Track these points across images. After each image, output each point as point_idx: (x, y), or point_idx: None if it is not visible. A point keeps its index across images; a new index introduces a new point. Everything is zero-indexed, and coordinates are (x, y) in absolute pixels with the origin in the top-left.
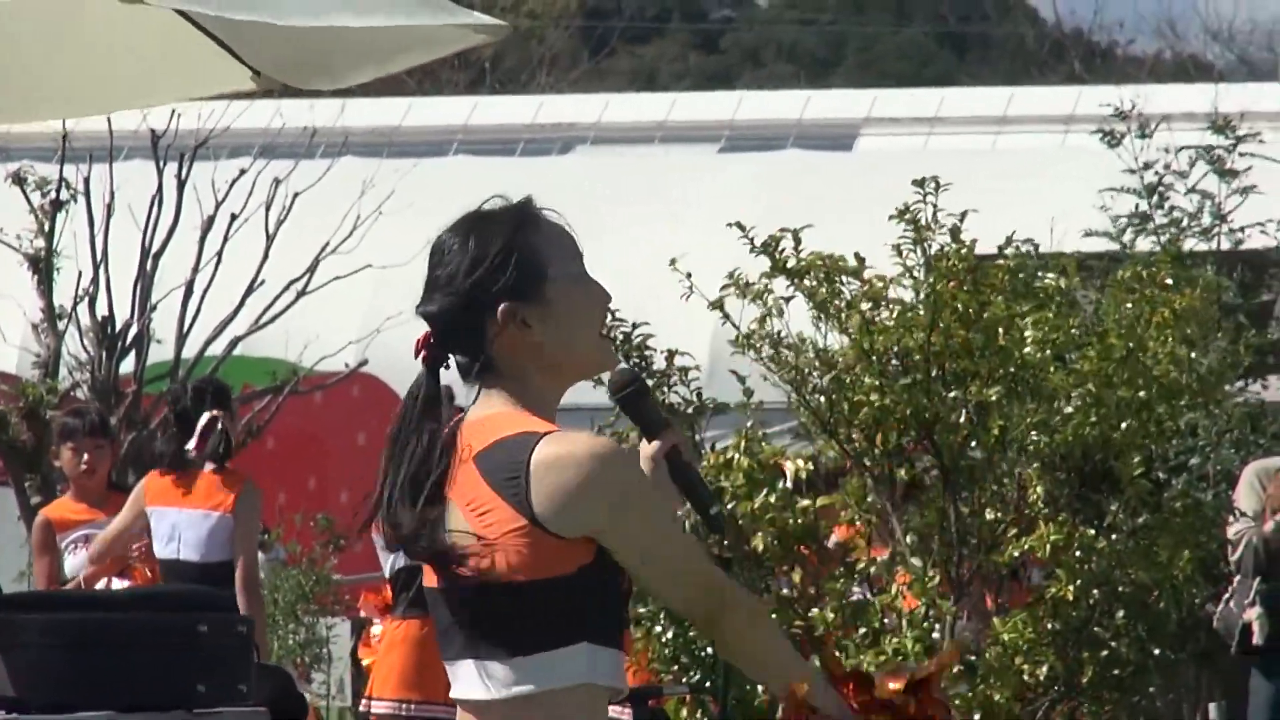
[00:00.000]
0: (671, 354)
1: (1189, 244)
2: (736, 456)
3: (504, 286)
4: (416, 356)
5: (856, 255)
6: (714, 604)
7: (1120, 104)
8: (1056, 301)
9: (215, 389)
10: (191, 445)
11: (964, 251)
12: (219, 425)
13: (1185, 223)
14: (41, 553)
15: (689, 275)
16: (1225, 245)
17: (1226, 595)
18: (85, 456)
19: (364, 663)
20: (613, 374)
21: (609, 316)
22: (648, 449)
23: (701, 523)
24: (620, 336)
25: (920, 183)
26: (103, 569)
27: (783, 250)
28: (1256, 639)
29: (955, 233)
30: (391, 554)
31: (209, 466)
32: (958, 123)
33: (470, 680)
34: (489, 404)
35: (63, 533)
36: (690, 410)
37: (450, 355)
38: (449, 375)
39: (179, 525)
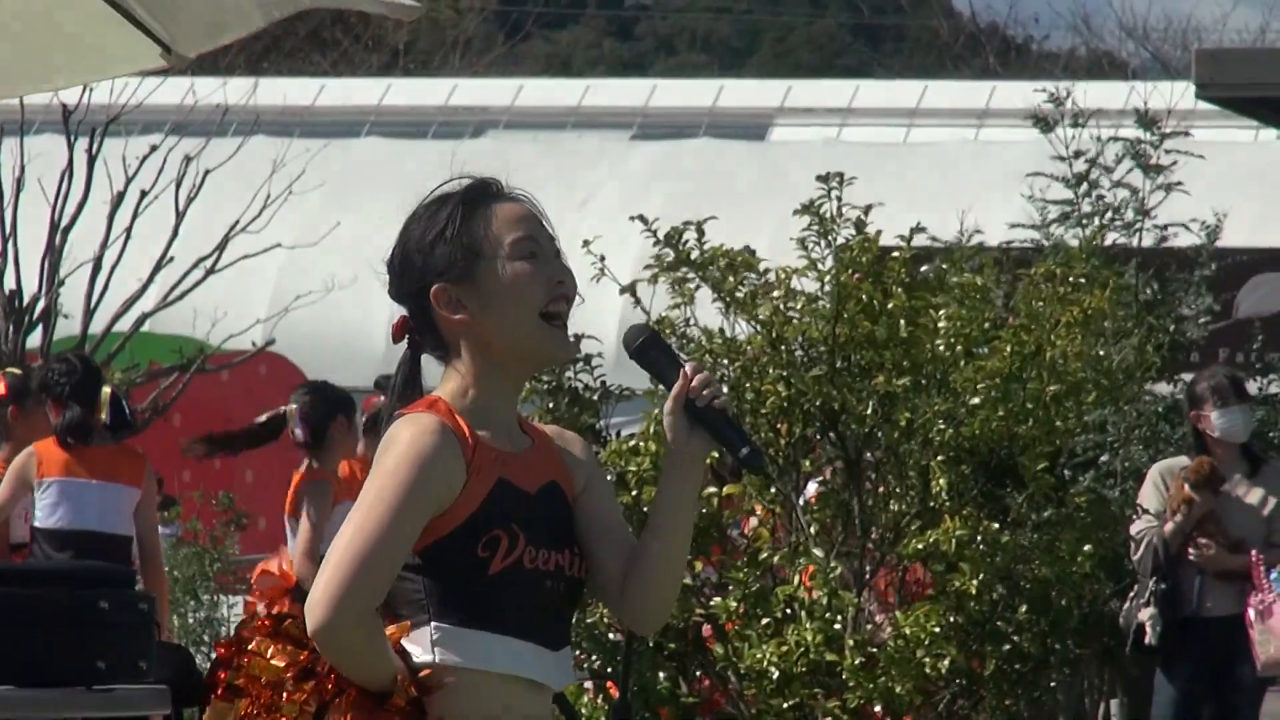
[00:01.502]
0: (578, 338)
1: (1111, 238)
2: (644, 443)
3: (439, 266)
4: (396, 341)
5: (748, 249)
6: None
7: (1056, 90)
8: (970, 296)
9: (97, 365)
10: (105, 418)
11: (867, 244)
12: (120, 398)
13: (1110, 216)
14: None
15: (602, 258)
16: (1148, 241)
17: (1131, 594)
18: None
19: None
20: (627, 331)
21: (564, 302)
22: (666, 405)
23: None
24: None
25: (825, 178)
26: None
27: (686, 242)
28: (1149, 639)
29: (860, 226)
30: None
31: (104, 439)
32: (871, 114)
33: None
34: (439, 385)
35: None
36: (595, 396)
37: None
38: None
39: (82, 496)
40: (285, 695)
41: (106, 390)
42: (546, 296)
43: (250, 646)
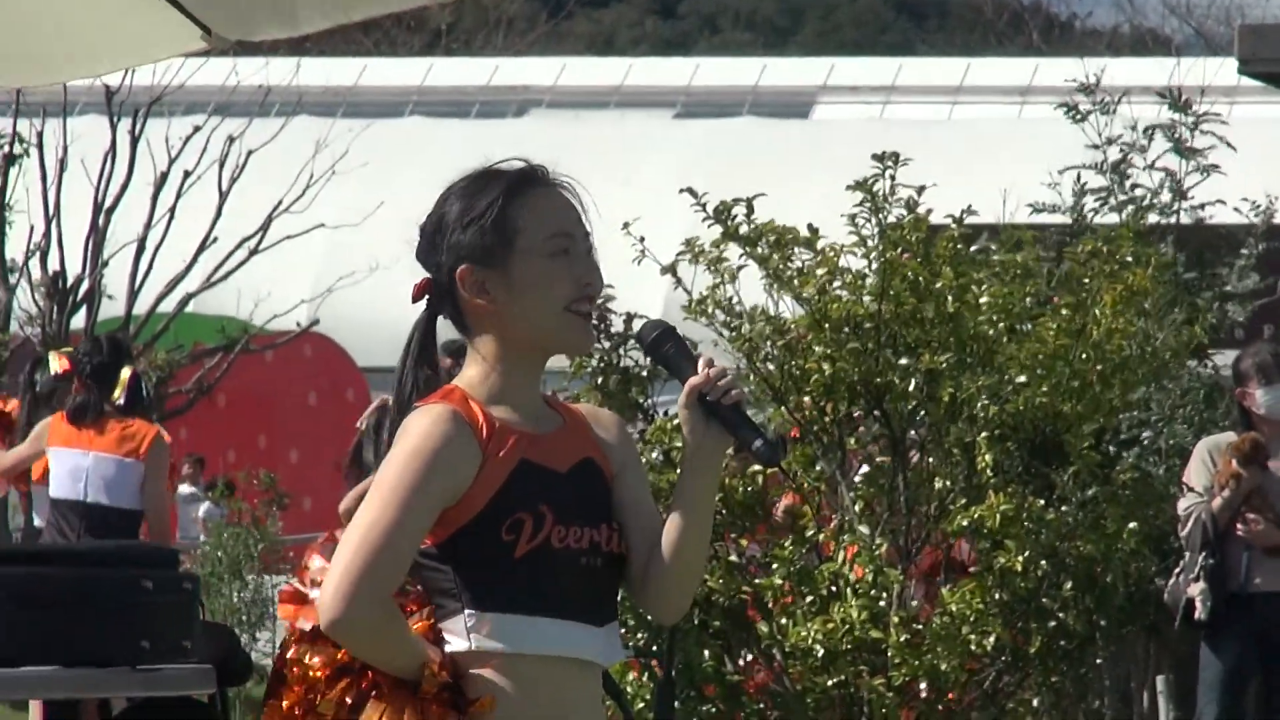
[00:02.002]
0: (630, 317)
1: (1150, 218)
2: None
3: (470, 248)
4: (415, 301)
5: (810, 227)
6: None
7: (1085, 78)
8: (1012, 273)
9: (127, 346)
10: (120, 399)
11: (918, 222)
12: (140, 380)
13: (1146, 199)
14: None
15: (642, 239)
16: (1185, 221)
17: (1177, 570)
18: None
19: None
20: (640, 327)
21: (588, 303)
22: (681, 399)
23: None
24: None
25: (880, 157)
26: None
27: (735, 217)
28: (1199, 614)
29: (911, 205)
30: None
31: (118, 412)
32: (914, 92)
33: None
34: (460, 372)
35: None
36: (644, 374)
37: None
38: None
39: (88, 468)
40: (320, 694)
41: (126, 372)
42: (573, 295)
43: (290, 655)
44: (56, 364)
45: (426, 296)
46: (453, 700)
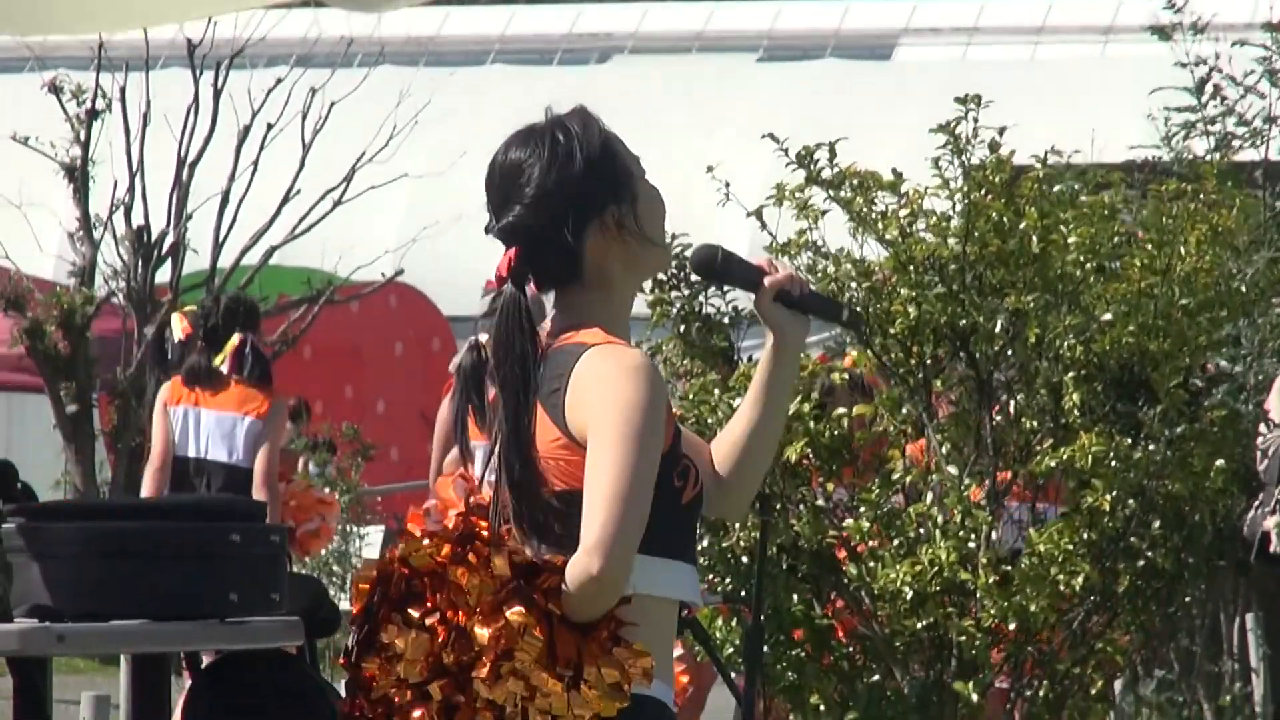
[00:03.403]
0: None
1: (1236, 146)
2: None
3: (607, 190)
4: (503, 281)
5: (894, 171)
6: (588, 564)
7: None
8: (1099, 213)
9: (247, 308)
10: (224, 365)
11: (1001, 163)
12: (248, 346)
13: (1235, 122)
14: None
15: (727, 184)
16: (1274, 153)
17: (1256, 504)
18: None
19: None
20: (693, 255)
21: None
22: (759, 301)
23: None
24: None
25: (963, 99)
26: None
27: (817, 162)
28: (1275, 546)
29: (994, 147)
30: None
31: (234, 384)
32: (996, 33)
33: None
34: (570, 317)
35: None
36: (726, 320)
37: (532, 269)
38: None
39: (207, 425)
40: (509, 625)
41: (234, 340)
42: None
43: (445, 574)
44: (179, 328)
45: (515, 263)
46: (614, 645)
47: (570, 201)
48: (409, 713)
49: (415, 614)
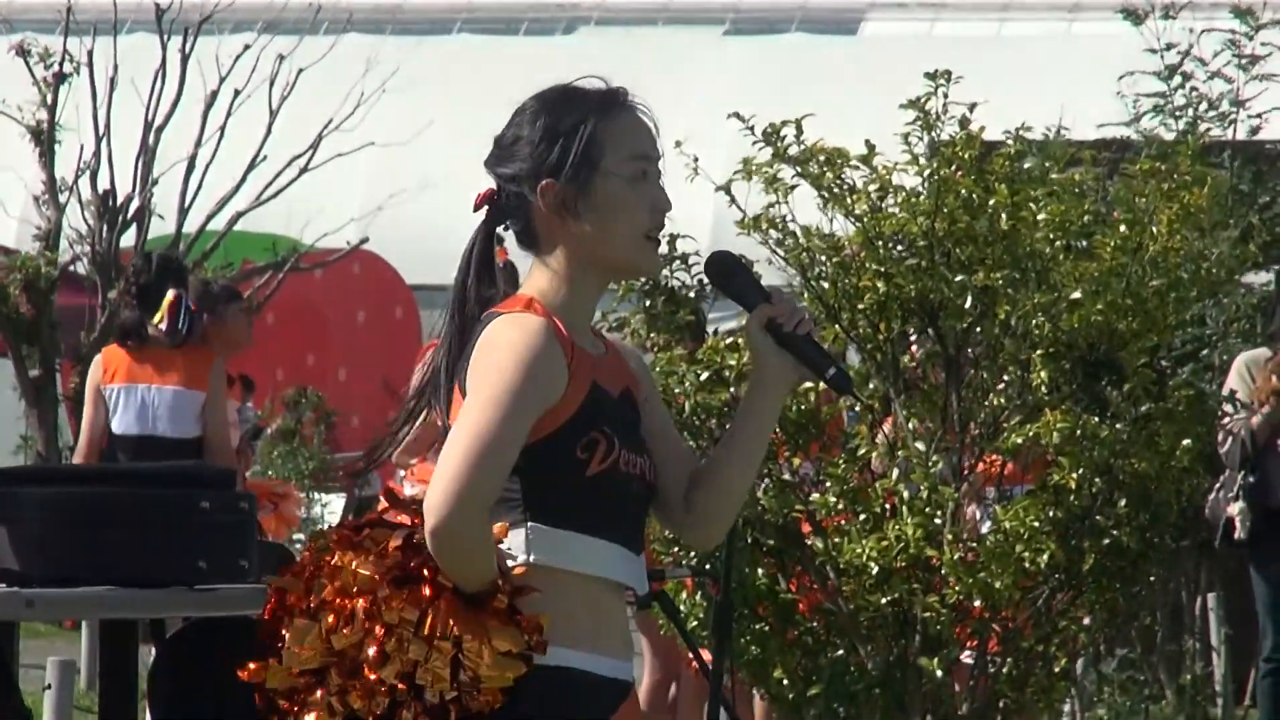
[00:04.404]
0: (674, 238)
1: (1203, 129)
2: (743, 338)
3: (554, 165)
4: (476, 210)
5: (867, 143)
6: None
7: None
8: (1068, 191)
9: (178, 265)
10: (161, 323)
11: (970, 139)
12: (184, 302)
13: (1204, 107)
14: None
15: (695, 159)
16: (1242, 134)
17: (1217, 487)
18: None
19: None
20: (708, 257)
21: (660, 229)
22: (750, 324)
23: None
24: None
25: (932, 75)
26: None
27: (784, 139)
28: (1238, 533)
29: (964, 123)
30: None
31: (170, 342)
32: (963, 9)
33: None
34: (528, 281)
35: None
36: (693, 294)
37: (498, 213)
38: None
39: (143, 401)
40: (385, 603)
41: (169, 296)
42: (650, 223)
43: (334, 561)
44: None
45: (487, 207)
46: (510, 614)
47: (526, 162)
48: (304, 698)
49: (307, 604)
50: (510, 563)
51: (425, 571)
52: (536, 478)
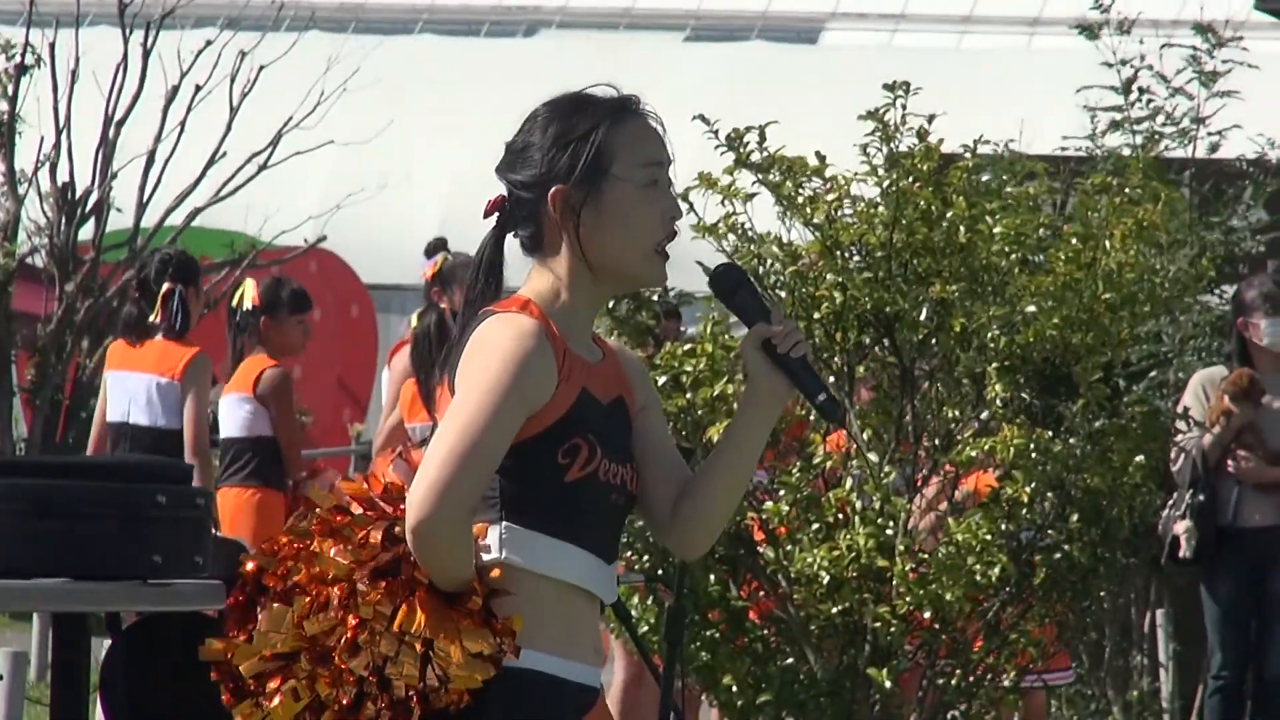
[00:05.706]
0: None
1: (1163, 145)
2: (702, 344)
3: (564, 171)
4: (486, 217)
5: (818, 154)
6: (413, 503)
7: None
8: (1024, 204)
9: (180, 261)
10: (155, 315)
11: (929, 152)
12: (176, 297)
13: (1162, 121)
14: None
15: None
16: (1201, 151)
17: (1169, 504)
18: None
19: None
20: (713, 270)
21: (671, 238)
22: (746, 341)
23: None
24: None
25: (890, 86)
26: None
27: (747, 145)
28: (1183, 551)
29: (922, 135)
30: None
31: (160, 336)
32: (923, 20)
33: None
34: (527, 284)
35: None
36: (653, 299)
37: (508, 219)
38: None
39: (132, 389)
40: (361, 596)
41: (163, 289)
42: (663, 232)
43: (312, 546)
44: (249, 297)
45: (498, 214)
46: (485, 616)
47: (536, 168)
48: (268, 683)
49: (280, 588)
50: (485, 557)
51: (403, 566)
52: (517, 479)
